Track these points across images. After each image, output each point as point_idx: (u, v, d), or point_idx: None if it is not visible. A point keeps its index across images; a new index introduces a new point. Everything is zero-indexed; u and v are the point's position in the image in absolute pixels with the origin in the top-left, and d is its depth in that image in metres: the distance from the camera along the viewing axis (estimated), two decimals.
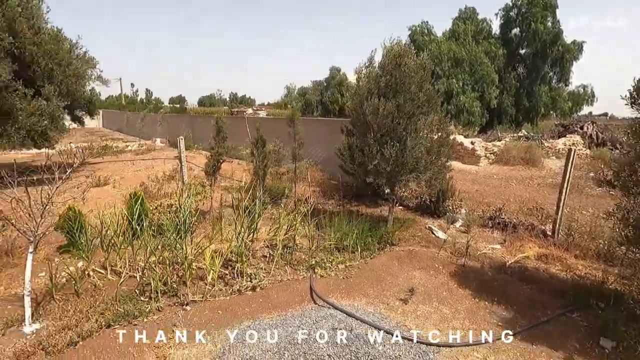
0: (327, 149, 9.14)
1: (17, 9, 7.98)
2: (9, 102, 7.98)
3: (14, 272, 4.49)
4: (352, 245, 5.01)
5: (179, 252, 4.09)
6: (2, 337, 3.25)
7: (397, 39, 5.48)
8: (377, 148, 5.32)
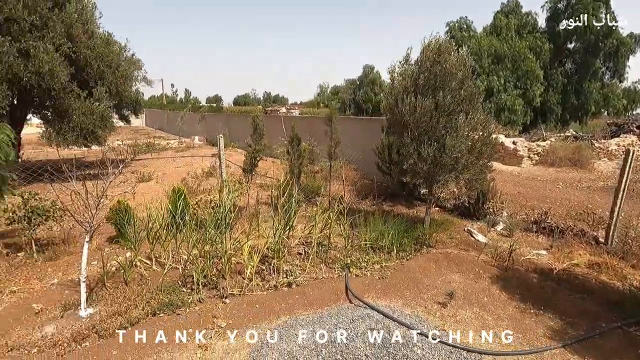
0: (362, 148, 9.08)
1: (74, 15, 8.59)
2: (66, 102, 8.62)
3: (70, 260, 4.85)
4: (387, 246, 4.94)
5: (219, 247, 4.23)
6: (61, 319, 3.51)
7: (436, 35, 5.34)
8: (414, 147, 5.20)
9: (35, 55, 7.69)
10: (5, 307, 3.68)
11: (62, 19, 8.53)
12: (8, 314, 3.57)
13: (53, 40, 8.17)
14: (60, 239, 5.36)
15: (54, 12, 8.43)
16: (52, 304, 3.74)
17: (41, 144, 14.57)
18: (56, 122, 9.05)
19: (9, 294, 3.95)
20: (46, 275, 4.41)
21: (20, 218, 4.81)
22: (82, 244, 5.37)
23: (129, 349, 3.08)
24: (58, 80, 8.03)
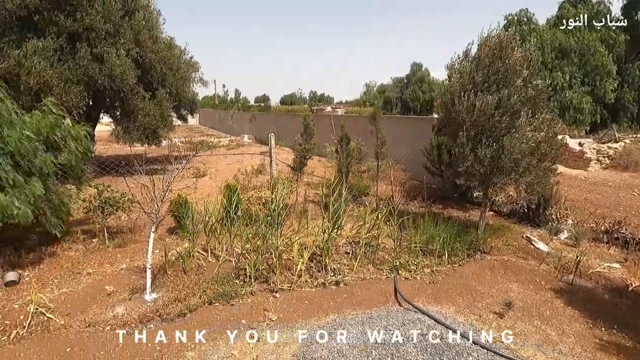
0: (410, 148, 8.86)
1: (142, 22, 9.31)
2: (133, 103, 9.38)
3: (136, 247, 5.27)
4: (438, 250, 4.78)
5: (271, 243, 4.36)
6: (129, 301, 3.84)
7: (497, 29, 5.05)
8: (470, 148, 4.97)
9: (108, 60, 8.46)
10: (83, 287, 4.10)
11: (132, 26, 9.29)
12: (85, 293, 3.97)
13: (123, 46, 8.93)
14: (128, 228, 5.86)
15: (125, 20, 9.20)
16: (121, 287, 4.10)
17: (110, 140, 15.99)
18: (124, 121, 9.89)
19: (86, 275, 4.39)
20: (116, 261, 4.83)
21: (95, 207, 5.33)
22: (146, 233, 5.84)
23: (187, 333, 3.28)
24: (127, 83, 8.77)
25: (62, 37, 8.27)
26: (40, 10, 8.14)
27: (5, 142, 4.10)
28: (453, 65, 5.22)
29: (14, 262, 4.57)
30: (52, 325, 3.41)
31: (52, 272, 4.47)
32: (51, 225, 4.79)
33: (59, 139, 5.09)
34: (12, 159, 4.21)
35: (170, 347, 3.11)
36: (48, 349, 3.05)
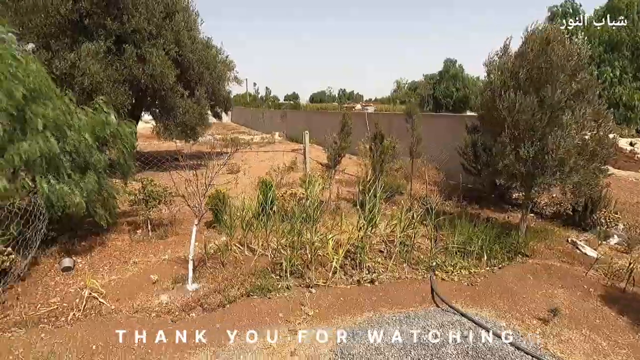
0: (444, 146, 8.63)
1: (182, 23, 9.67)
2: (172, 101, 9.78)
3: (177, 239, 5.51)
4: (476, 251, 4.64)
5: (306, 239, 4.41)
6: (172, 290, 4.03)
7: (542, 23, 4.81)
8: (511, 147, 4.79)
9: (150, 60, 8.87)
10: (130, 275, 4.35)
11: (172, 27, 9.67)
12: (133, 281, 4.21)
13: (164, 46, 9.32)
14: (168, 221, 6.13)
15: (166, 21, 9.60)
16: (165, 276, 4.31)
17: (149, 137, 16.78)
18: (164, 118, 10.34)
19: (133, 264, 4.66)
20: (159, 251, 5.08)
21: (139, 200, 5.63)
22: (185, 226, 6.10)
23: (228, 324, 3.39)
24: (167, 82, 9.16)
25: (110, 39, 8.76)
26: (91, 14, 8.66)
27: (66, 142, 4.42)
28: (492, 62, 5.03)
29: (68, 250, 4.92)
30: (104, 309, 3.64)
31: (102, 260, 4.77)
32: (100, 217, 5.10)
33: (109, 136, 5.42)
34: (70, 157, 4.53)
35: (212, 335, 3.24)
36: (101, 331, 3.27)
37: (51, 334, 3.22)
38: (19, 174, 4.09)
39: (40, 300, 3.76)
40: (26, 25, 8.37)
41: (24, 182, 4.10)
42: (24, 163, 4.26)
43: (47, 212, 4.31)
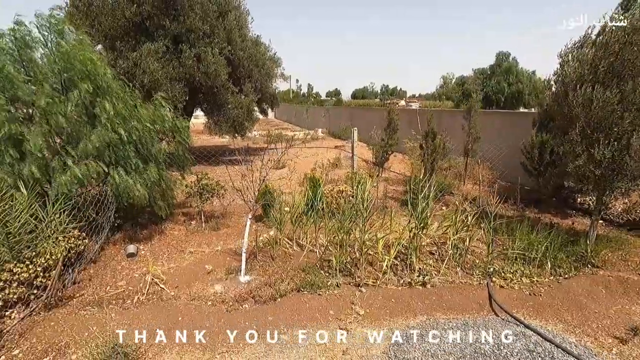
0: (499, 145, 8.13)
1: (234, 22, 9.96)
2: (223, 97, 10.13)
3: (228, 232, 5.71)
4: (539, 258, 4.32)
5: (357, 237, 4.36)
6: (226, 281, 4.17)
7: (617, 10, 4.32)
8: (583, 146, 4.38)
9: (204, 58, 9.24)
10: (187, 264, 4.57)
11: (224, 26, 10.01)
12: (189, 270, 4.41)
13: (217, 45, 9.67)
14: (220, 213, 6.38)
15: (219, 20, 9.94)
16: (218, 267, 4.48)
17: (199, 132, 17.58)
18: (214, 114, 10.75)
19: (189, 254, 4.89)
20: (212, 242, 5.29)
21: (194, 193, 5.89)
22: (235, 219, 6.29)
23: (280, 318, 3.45)
24: (220, 79, 9.50)
25: (168, 39, 9.24)
26: (152, 16, 9.19)
27: (131, 133, 4.73)
28: (568, 53, 4.61)
29: (131, 237, 5.27)
30: (164, 295, 3.86)
31: (162, 248, 5.07)
32: (159, 207, 5.42)
33: (167, 130, 5.72)
34: (134, 147, 4.85)
35: (264, 328, 3.30)
36: (163, 315, 3.46)
37: (120, 314, 3.47)
38: (90, 164, 4.44)
39: (110, 283, 4.07)
40: (95, 28, 9.07)
41: (99, 170, 4.44)
42: (95, 153, 4.63)
43: (114, 201, 4.66)
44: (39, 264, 3.51)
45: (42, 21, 4.70)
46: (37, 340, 3.08)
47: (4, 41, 4.46)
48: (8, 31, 4.50)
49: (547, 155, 6.55)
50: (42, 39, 4.71)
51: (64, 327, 3.25)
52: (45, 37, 4.66)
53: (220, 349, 3.03)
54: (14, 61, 4.53)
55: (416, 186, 5.39)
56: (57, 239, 3.77)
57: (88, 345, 2.97)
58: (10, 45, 4.48)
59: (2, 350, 2.96)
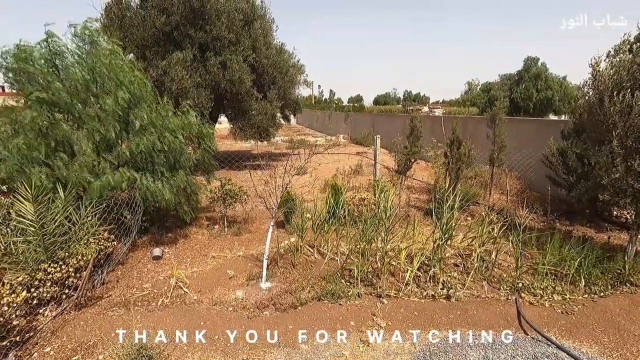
0: (526, 154, 7.84)
1: (259, 30, 10.16)
2: (248, 104, 10.31)
3: (250, 237, 5.77)
4: (571, 274, 4.11)
5: (379, 246, 4.30)
6: (247, 287, 4.20)
7: None
8: (620, 158, 4.15)
9: (230, 66, 9.46)
10: (210, 269, 4.64)
11: (250, 34, 10.22)
12: (212, 274, 4.48)
13: (242, 53, 9.88)
14: (242, 219, 6.46)
15: (244, 29, 10.17)
16: (240, 272, 4.52)
17: (222, 137, 17.97)
18: (239, 120, 10.96)
19: (211, 258, 4.97)
20: (234, 248, 5.36)
21: (218, 198, 6.00)
22: (257, 225, 6.35)
23: (300, 326, 3.43)
24: (244, 86, 9.69)
25: (195, 47, 9.53)
26: (180, 25, 9.52)
27: (163, 142, 4.89)
28: (600, 60, 4.41)
29: (157, 240, 5.42)
30: (187, 299, 3.93)
31: (185, 251, 5.17)
32: (184, 212, 5.55)
33: (194, 136, 5.87)
34: (164, 155, 4.99)
35: (285, 336, 3.29)
36: (186, 319, 3.52)
37: (145, 316, 3.56)
38: (123, 171, 4.61)
39: (136, 285, 4.19)
40: (128, 38, 9.48)
41: (130, 176, 4.61)
42: (128, 160, 4.81)
43: (142, 205, 4.80)
44: (71, 265, 3.66)
45: (77, 32, 4.95)
46: (68, 338, 3.20)
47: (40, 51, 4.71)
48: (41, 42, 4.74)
49: (576, 165, 6.26)
50: (75, 49, 4.94)
51: (93, 327, 3.36)
52: (80, 48, 4.90)
53: (240, 355, 3.04)
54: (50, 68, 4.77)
55: (440, 195, 5.28)
56: (88, 241, 3.92)
57: (115, 346, 3.05)
58: (46, 55, 4.72)
59: (36, 347, 3.09)
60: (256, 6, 10.56)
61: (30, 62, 4.41)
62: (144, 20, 9.42)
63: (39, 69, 4.45)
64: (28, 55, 4.37)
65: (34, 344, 3.13)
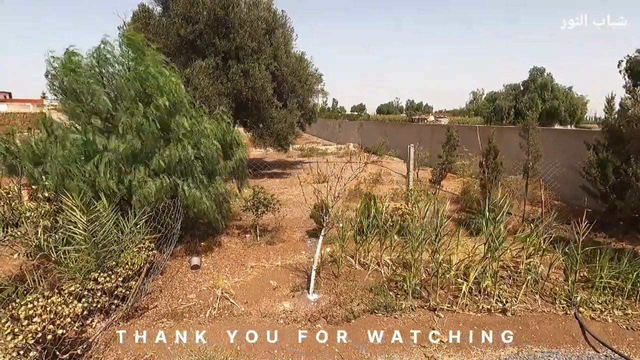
0: (554, 164, 7.76)
1: (281, 39, 10.20)
2: (268, 112, 10.29)
3: (284, 247, 5.67)
4: (628, 289, 4.00)
5: (427, 257, 4.20)
6: (293, 298, 4.09)
7: None
8: None
9: (252, 74, 9.46)
10: (251, 279, 4.54)
11: (271, 43, 10.26)
12: (255, 285, 4.38)
13: (264, 61, 9.90)
14: (273, 227, 6.37)
15: (266, 37, 10.21)
16: (282, 283, 4.42)
17: None
18: (259, 128, 10.94)
19: (250, 268, 4.87)
20: (270, 257, 5.25)
21: (250, 206, 5.92)
22: (288, 234, 6.25)
23: (359, 341, 3.32)
24: (266, 94, 9.69)
25: (219, 56, 9.56)
26: (203, 34, 9.56)
27: (200, 149, 4.83)
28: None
29: (192, 249, 5.32)
30: (234, 310, 3.82)
31: (222, 261, 5.08)
32: (216, 220, 5.46)
33: (227, 144, 5.82)
34: (202, 163, 4.93)
35: (343, 351, 3.18)
36: (238, 332, 3.41)
37: (196, 328, 3.45)
38: (164, 179, 4.54)
39: (180, 295, 4.09)
40: None
41: (172, 184, 4.54)
42: (167, 167, 4.75)
43: (182, 214, 4.73)
44: (120, 274, 3.57)
45: (123, 39, 4.94)
46: (123, 352, 3.10)
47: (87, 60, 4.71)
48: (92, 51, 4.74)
49: (612, 177, 6.18)
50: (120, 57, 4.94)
51: (146, 339, 3.26)
52: (125, 54, 4.89)
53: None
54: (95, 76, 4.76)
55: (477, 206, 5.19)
56: (138, 249, 3.84)
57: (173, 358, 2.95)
58: (94, 63, 4.72)
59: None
60: (277, 15, 10.62)
61: (77, 72, 4.38)
62: (168, 29, 9.47)
63: (85, 80, 4.42)
64: (76, 66, 4.34)
65: (88, 358, 3.03)
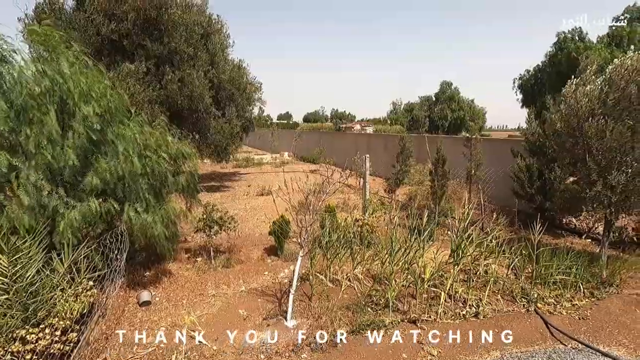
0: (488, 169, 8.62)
1: (218, 44, 9.63)
2: (206, 121, 9.60)
3: (243, 269, 5.22)
4: (570, 281, 4.50)
5: (410, 269, 4.21)
6: (269, 327, 3.72)
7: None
8: (597, 174, 4.74)
9: (190, 82, 8.73)
10: (216, 310, 4.04)
11: (207, 49, 9.61)
12: (222, 317, 3.90)
13: (201, 68, 9.22)
14: (226, 248, 5.84)
15: (202, 42, 9.54)
16: (253, 312, 4.02)
17: None
18: (196, 139, 10.10)
19: (211, 297, 4.35)
20: (231, 282, 4.77)
21: (203, 226, 5.34)
22: (245, 253, 5.81)
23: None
24: (204, 103, 9.00)
25: (150, 60, 8.61)
26: (131, 34, 8.54)
27: (145, 164, 4.17)
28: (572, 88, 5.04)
29: (136, 281, 4.59)
30: (206, 351, 3.33)
31: (177, 292, 4.46)
32: (163, 247, 4.77)
33: (173, 157, 5.18)
34: (147, 179, 4.27)
35: None
36: None
37: None
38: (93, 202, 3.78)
39: (134, 341, 3.43)
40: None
41: (108, 207, 3.82)
42: (103, 187, 3.99)
43: (128, 242, 4.02)
44: (56, 327, 2.84)
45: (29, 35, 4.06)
46: None
47: None
48: None
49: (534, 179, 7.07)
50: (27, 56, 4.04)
51: None
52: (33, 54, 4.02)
53: None
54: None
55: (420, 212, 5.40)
56: (76, 293, 3.12)
57: None
58: None
59: None
60: (212, 19, 10.02)
61: None
62: (85, 26, 8.24)
63: None
64: None
65: None
